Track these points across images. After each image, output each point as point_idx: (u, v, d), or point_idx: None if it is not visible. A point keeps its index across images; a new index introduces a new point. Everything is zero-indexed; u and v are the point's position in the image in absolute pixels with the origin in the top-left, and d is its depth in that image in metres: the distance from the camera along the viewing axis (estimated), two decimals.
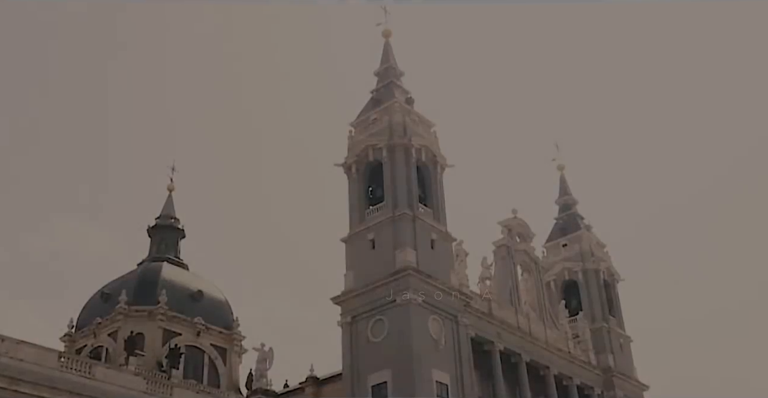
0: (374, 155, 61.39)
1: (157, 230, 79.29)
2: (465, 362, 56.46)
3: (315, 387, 62.72)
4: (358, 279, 57.33)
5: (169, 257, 76.15)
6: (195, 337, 68.34)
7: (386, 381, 52.93)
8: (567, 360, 68.69)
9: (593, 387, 71.07)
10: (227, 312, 73.16)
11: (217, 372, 69.16)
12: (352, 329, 56.16)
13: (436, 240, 59.25)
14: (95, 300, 72.22)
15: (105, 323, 67.54)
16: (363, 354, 54.92)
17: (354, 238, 59.53)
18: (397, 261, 55.80)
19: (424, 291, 55.32)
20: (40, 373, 37.92)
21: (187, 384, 54.77)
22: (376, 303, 55.50)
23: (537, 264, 71.77)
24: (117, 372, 42.99)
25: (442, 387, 53.92)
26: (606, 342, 74.84)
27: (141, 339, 63.71)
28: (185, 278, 73.24)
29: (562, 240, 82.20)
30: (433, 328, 55.26)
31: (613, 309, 79.28)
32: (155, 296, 67.60)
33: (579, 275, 79.00)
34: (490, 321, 61.33)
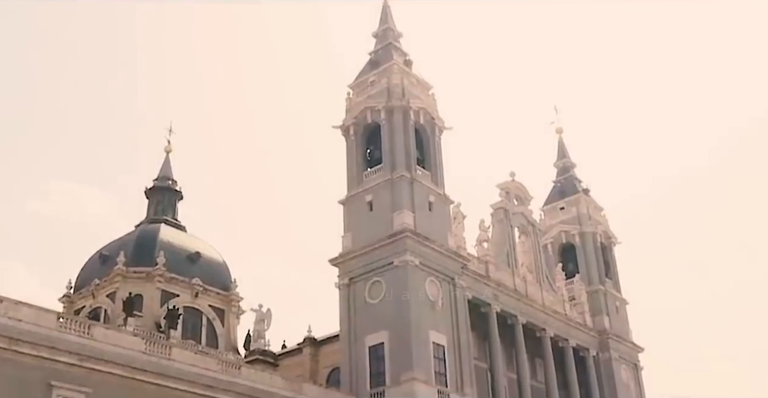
0: (372, 117, 61.18)
1: (155, 192, 79.19)
2: (462, 323, 56.79)
3: (313, 348, 63.18)
4: (355, 241, 57.45)
5: (166, 219, 76.13)
6: (193, 298, 68.56)
7: (383, 342, 53.29)
8: (563, 322, 69.15)
9: (588, 349, 71.63)
10: (225, 274, 73.32)
11: (215, 333, 69.50)
12: (350, 290, 56.39)
13: (434, 203, 59.28)
14: (93, 261, 72.31)
15: (103, 284, 67.68)
16: (360, 315, 55.21)
17: (352, 200, 59.53)
18: (394, 223, 55.87)
19: (421, 253, 55.46)
20: (38, 334, 37.99)
21: (186, 345, 55.00)
22: (373, 265, 55.67)
23: (534, 227, 71.95)
24: (116, 333, 43.01)
25: (439, 348, 54.28)
26: (602, 305, 75.32)
27: (139, 300, 63.87)
28: (183, 240, 73.28)
29: (560, 203, 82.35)
30: (431, 290, 55.49)
31: (610, 272, 79.67)
32: (153, 257, 67.67)
33: (576, 238, 79.27)
34: (487, 283, 61.60)
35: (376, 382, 52.66)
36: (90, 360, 39.53)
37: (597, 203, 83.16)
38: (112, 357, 40.47)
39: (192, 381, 43.63)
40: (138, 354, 41.89)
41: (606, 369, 72.32)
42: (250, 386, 46.60)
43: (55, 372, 38.23)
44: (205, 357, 47.32)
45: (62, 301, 70.58)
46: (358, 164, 60.92)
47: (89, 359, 39.51)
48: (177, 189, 79.91)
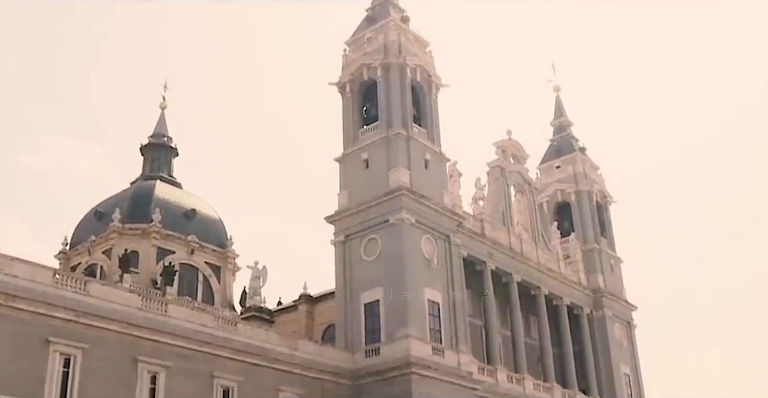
0: (369, 74, 60.75)
1: (150, 149, 78.77)
2: (457, 281, 57.03)
3: (308, 305, 63.54)
4: (351, 199, 57.42)
5: (162, 176, 75.84)
6: (189, 255, 68.58)
7: (378, 300, 53.56)
8: (558, 280, 69.52)
9: (583, 307, 72.10)
10: (221, 231, 73.29)
11: (212, 290, 69.67)
12: (346, 248, 56.50)
13: (430, 160, 59.15)
14: (89, 218, 72.17)
15: (99, 241, 67.62)
16: (356, 272, 55.40)
17: (348, 158, 59.37)
18: (390, 181, 55.80)
19: (417, 211, 55.49)
20: (35, 290, 38.08)
21: (182, 301, 55.15)
22: (369, 223, 55.72)
23: (530, 185, 71.97)
24: (112, 289, 43.14)
25: (434, 305, 54.58)
26: (596, 263, 75.66)
27: (135, 257, 63.90)
28: (179, 197, 73.10)
29: (556, 162, 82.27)
30: (426, 248, 55.61)
31: (605, 230, 79.89)
32: (149, 214, 67.52)
33: (572, 196, 79.33)
34: (482, 241, 61.76)
35: (371, 339, 53.02)
36: (86, 316, 39.72)
37: (593, 162, 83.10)
38: (109, 314, 40.65)
39: (188, 337, 43.90)
40: (134, 311, 42.08)
41: (600, 327, 72.87)
42: (246, 342, 46.91)
43: (52, 328, 38.42)
44: (202, 313, 47.57)
45: (58, 258, 70.57)
46: (355, 121, 60.63)
47: (86, 315, 39.69)
48: (172, 146, 79.48)
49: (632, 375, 74.44)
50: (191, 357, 43.93)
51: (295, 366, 49.04)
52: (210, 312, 50.42)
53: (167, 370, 42.54)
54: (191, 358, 43.91)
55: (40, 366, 37.68)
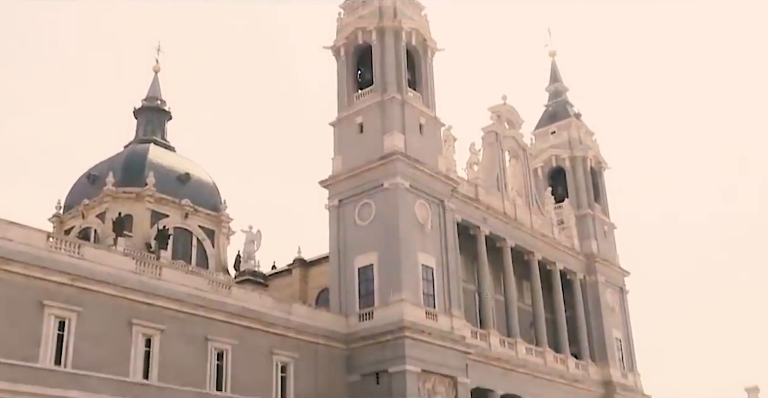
0: (363, 38, 60.29)
1: (144, 112, 78.44)
2: (451, 246, 57.15)
3: (302, 269, 63.71)
4: (346, 163, 57.30)
5: (155, 140, 75.61)
6: (183, 219, 68.59)
7: (372, 264, 53.68)
8: (551, 246, 69.72)
9: (576, 272, 72.43)
10: (215, 195, 73.28)
11: (206, 254, 69.81)
12: (340, 212, 56.50)
13: (425, 125, 58.95)
14: (82, 181, 72.04)
15: (93, 204, 67.54)
16: (350, 237, 55.45)
17: (342, 122, 59.14)
18: (385, 145, 55.65)
19: (411, 176, 55.43)
20: (29, 253, 38.05)
21: (176, 265, 55.25)
22: (363, 187, 55.67)
23: (525, 151, 71.89)
24: (106, 253, 43.12)
25: (428, 270, 54.74)
26: (590, 229, 75.86)
27: (129, 221, 63.84)
28: (172, 161, 72.95)
29: (551, 127, 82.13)
30: (420, 212, 55.64)
31: (599, 196, 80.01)
32: (142, 178, 67.42)
33: (566, 162, 79.29)
34: (476, 206, 61.81)
35: (365, 303, 53.22)
36: (81, 279, 39.77)
37: (588, 128, 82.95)
38: (103, 277, 40.71)
39: (182, 300, 44.03)
40: (129, 274, 42.14)
41: (592, 292, 73.28)
42: (240, 306, 47.08)
43: (46, 292, 38.48)
44: (196, 276, 47.64)
45: (52, 221, 70.55)
46: (349, 85, 60.30)
47: (80, 278, 39.74)
48: (165, 109, 79.16)
49: (624, 339, 75.01)
50: (186, 320, 44.10)
51: (289, 330, 49.27)
52: (204, 276, 50.52)
53: (162, 333, 42.73)
54: (186, 321, 44.08)
55: (35, 329, 37.81)
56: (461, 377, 53.56)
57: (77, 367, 38.79)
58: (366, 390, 50.85)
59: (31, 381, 36.76)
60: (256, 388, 46.71)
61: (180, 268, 51.00)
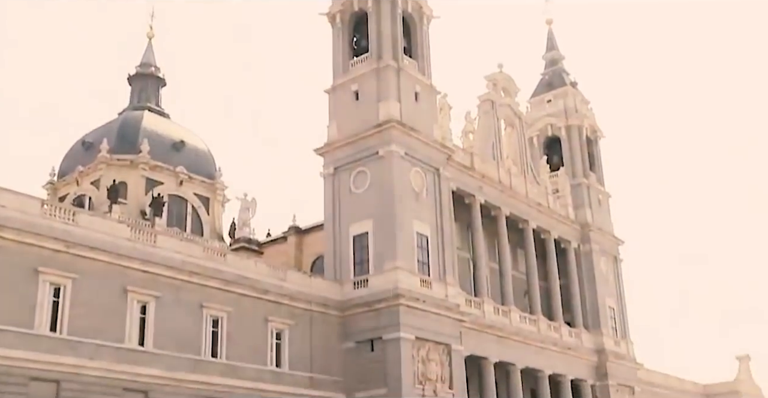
0: (359, 5, 59.75)
1: (137, 79, 77.98)
2: (446, 214, 57.18)
3: (297, 237, 63.73)
4: (341, 131, 57.10)
5: (150, 107, 75.23)
6: (177, 186, 68.46)
7: (367, 232, 53.71)
8: (546, 215, 69.82)
9: (570, 241, 72.62)
10: (210, 162, 73.12)
11: (200, 221, 69.80)
12: (335, 180, 56.41)
13: (420, 93, 58.70)
14: (76, 148, 71.79)
15: (87, 171, 67.34)
16: (345, 204, 55.42)
17: (337, 89, 58.84)
18: (380, 113, 55.44)
19: (406, 144, 55.29)
20: (23, 220, 37.94)
21: (171, 232, 55.24)
22: (358, 155, 55.53)
23: (520, 119, 71.72)
24: (101, 220, 43.00)
25: (423, 238, 54.82)
26: (585, 198, 75.94)
27: (123, 188, 63.79)
28: (167, 128, 72.66)
29: (547, 96, 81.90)
30: (415, 180, 55.60)
31: (594, 165, 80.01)
32: (137, 145, 67.18)
33: (562, 131, 79.18)
34: (471, 175, 61.77)
35: (360, 270, 53.33)
36: (76, 246, 39.71)
37: (584, 97, 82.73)
38: (98, 244, 40.66)
39: (177, 267, 44.04)
40: (123, 241, 42.09)
41: (586, 261, 73.55)
42: (235, 273, 47.14)
43: (41, 259, 38.45)
44: (191, 244, 47.63)
45: (46, 188, 70.40)
46: (345, 52, 59.88)
47: (75, 245, 39.68)
48: (160, 76, 78.70)
49: (617, 308, 75.44)
50: (181, 287, 44.15)
51: (283, 297, 49.39)
52: (199, 243, 50.50)
53: (157, 300, 42.81)
54: (181, 288, 44.14)
55: (30, 295, 37.81)
56: (455, 344, 53.86)
57: (73, 334, 38.87)
58: (360, 357, 51.14)
59: (27, 348, 36.84)
60: (251, 355, 46.94)
61: (175, 235, 50.96)
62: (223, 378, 44.80)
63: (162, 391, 41.66)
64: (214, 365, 44.84)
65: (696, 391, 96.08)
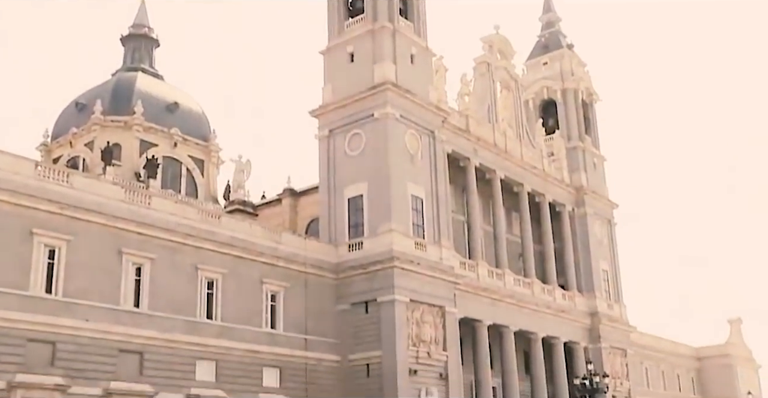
0: None
1: (131, 40, 77.17)
2: (440, 177, 57.13)
3: (292, 199, 63.71)
4: (336, 93, 56.79)
5: (143, 68, 74.58)
6: (172, 148, 68.14)
7: (362, 194, 53.68)
8: (541, 178, 69.79)
9: (565, 204, 72.69)
10: (204, 124, 72.73)
11: (195, 183, 69.60)
12: (330, 142, 56.23)
13: (416, 55, 58.28)
14: (70, 109, 71.29)
15: (81, 133, 66.95)
16: (340, 167, 55.31)
17: (333, 51, 58.38)
18: (375, 75, 55.09)
19: (402, 106, 55.04)
20: (17, 182, 37.77)
21: (165, 194, 55.13)
22: (353, 117, 55.29)
23: (516, 82, 71.43)
24: (95, 182, 42.85)
25: (417, 200, 54.81)
26: (580, 161, 75.90)
27: (118, 150, 63.48)
28: (161, 89, 72.11)
29: (543, 58, 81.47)
30: (410, 143, 55.45)
31: (589, 128, 79.87)
32: (130, 106, 66.71)
33: (558, 94, 78.91)
34: (467, 138, 61.61)
35: (355, 233, 53.40)
36: (70, 208, 39.62)
37: (580, 59, 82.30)
38: (93, 206, 40.56)
39: (172, 229, 44.02)
40: (118, 203, 42.00)
41: (581, 224, 73.70)
42: (230, 235, 47.15)
43: (35, 220, 38.37)
44: (185, 206, 47.55)
45: (39, 150, 70.02)
46: (340, 13, 59.30)
47: (69, 207, 39.59)
48: (153, 37, 77.93)
49: (611, 271, 75.80)
50: (176, 249, 44.17)
51: (278, 259, 49.47)
52: (194, 205, 50.45)
53: (152, 262, 42.84)
54: (176, 250, 44.16)
55: (25, 257, 37.80)
56: (449, 306, 54.12)
57: (68, 295, 38.96)
58: (355, 320, 51.40)
59: (22, 309, 36.93)
60: (246, 317, 47.15)
61: (169, 197, 50.88)
62: (218, 339, 45.04)
63: (157, 352, 41.90)
64: (209, 326, 45.04)
65: (688, 354, 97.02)
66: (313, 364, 49.81)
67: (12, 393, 35.84)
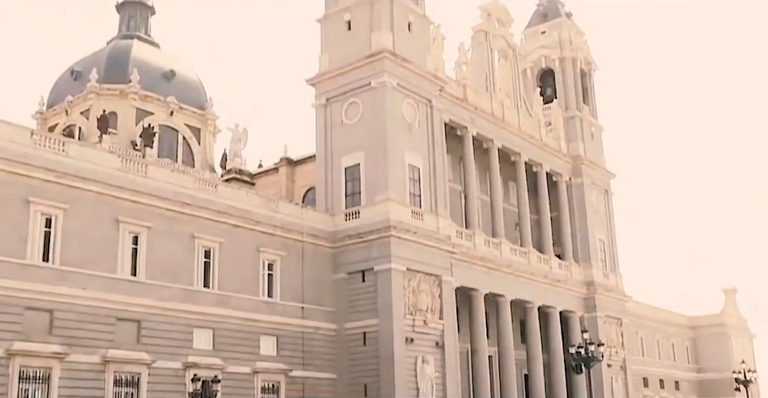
0: None
1: (126, 7, 76.39)
2: (438, 146, 57.01)
3: (289, 168, 63.66)
4: (333, 61, 56.48)
5: (139, 35, 73.91)
6: (168, 117, 67.79)
7: (359, 163, 53.60)
8: (538, 147, 69.72)
9: (562, 174, 72.69)
10: (201, 92, 72.31)
11: (192, 152, 69.33)
12: (327, 111, 56.05)
13: (414, 23, 57.88)
14: (65, 77, 70.81)
15: (76, 101, 66.54)
16: (337, 136, 55.19)
17: (330, 18, 57.97)
18: (372, 43, 54.76)
19: (399, 75, 54.78)
20: (12, 150, 37.61)
21: (162, 163, 54.95)
22: (350, 86, 55.05)
23: (514, 51, 71.08)
24: (91, 150, 42.68)
25: (414, 169, 54.76)
26: (577, 131, 75.79)
27: (114, 118, 63.12)
28: (157, 57, 71.56)
29: (542, 27, 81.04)
30: (407, 112, 55.26)
31: (587, 98, 79.66)
32: (126, 74, 66.24)
33: (556, 63, 78.58)
34: (464, 107, 61.43)
35: (352, 202, 53.40)
36: (66, 176, 39.52)
37: (579, 28, 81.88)
38: (89, 174, 40.47)
39: (169, 198, 43.98)
40: (114, 172, 41.90)
41: (578, 194, 73.77)
42: (227, 204, 47.11)
43: (31, 189, 38.29)
44: (182, 174, 47.43)
45: (35, 118, 69.68)
46: None
47: (66, 176, 39.49)
48: (148, 4, 77.19)
49: (607, 241, 75.97)
50: (172, 218, 44.15)
51: (275, 228, 49.50)
52: (190, 174, 50.31)
53: (149, 231, 42.83)
54: (172, 219, 44.15)
55: (21, 225, 37.76)
56: (446, 276, 54.28)
57: (65, 264, 38.99)
58: (352, 288, 51.57)
59: (19, 277, 36.98)
60: (243, 285, 47.28)
61: (166, 166, 50.78)
62: (215, 308, 45.19)
63: (155, 321, 42.05)
64: (206, 295, 45.17)
65: (683, 323, 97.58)
66: (309, 332, 50.06)
67: (10, 361, 36.03)
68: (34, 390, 36.93)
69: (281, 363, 48.00)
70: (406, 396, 49.04)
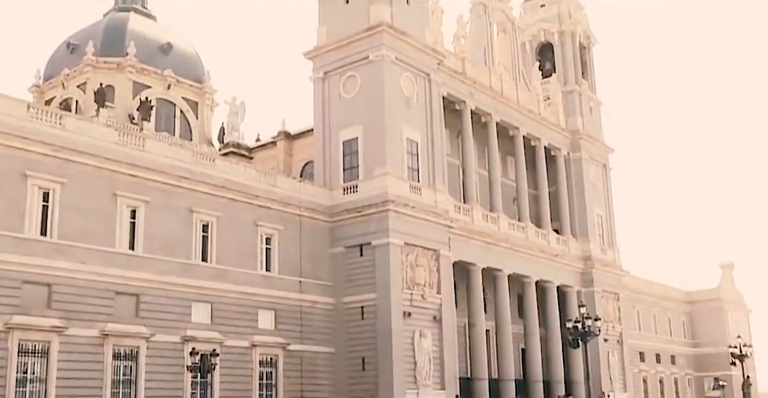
0: None
1: None
2: (436, 120, 56.86)
3: (287, 142, 63.53)
4: (331, 34, 56.12)
5: (135, 8, 73.40)
6: (165, 90, 67.53)
7: (357, 137, 53.47)
8: (536, 121, 69.56)
9: (560, 148, 72.60)
10: (198, 65, 71.97)
11: (189, 126, 69.15)
12: (324, 85, 55.81)
13: None
14: (61, 50, 70.40)
15: (73, 74, 66.21)
16: (335, 109, 54.99)
17: None
18: (371, 17, 54.38)
19: (397, 48, 54.47)
20: (9, 124, 37.43)
21: (159, 137, 54.78)
22: (348, 59, 54.76)
23: (513, 24, 70.71)
24: (88, 124, 42.51)
25: (413, 143, 54.65)
26: (576, 105, 75.59)
27: (111, 91, 62.82)
28: (154, 30, 71.15)
29: (541, 0, 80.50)
30: (406, 85, 55.03)
31: (586, 72, 79.37)
32: (123, 47, 65.87)
33: (555, 36, 78.22)
34: (462, 80, 61.18)
35: (350, 176, 53.30)
36: (64, 150, 39.37)
37: (579, 2, 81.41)
38: (86, 148, 40.33)
39: (166, 172, 43.86)
40: (112, 145, 41.76)
41: (576, 169, 73.72)
42: (225, 177, 47.02)
43: (29, 163, 38.15)
44: (179, 148, 47.31)
45: (31, 91, 69.37)
46: None
47: (63, 149, 39.34)
48: None
49: (605, 216, 76.05)
50: (170, 192, 44.07)
51: (273, 202, 49.46)
52: (188, 148, 50.20)
53: (146, 205, 42.77)
54: (170, 193, 44.07)
55: (18, 199, 37.66)
56: (443, 250, 54.33)
57: (63, 238, 38.95)
58: (349, 262, 51.62)
59: (17, 251, 36.94)
60: (241, 259, 47.31)
61: (163, 140, 50.66)
62: (213, 281, 45.25)
63: (153, 294, 42.10)
64: (204, 269, 45.19)
65: (679, 298, 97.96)
66: (307, 306, 50.19)
67: (9, 335, 36.10)
68: (33, 363, 37.04)
69: (279, 337, 48.16)
70: (404, 369, 49.29)
